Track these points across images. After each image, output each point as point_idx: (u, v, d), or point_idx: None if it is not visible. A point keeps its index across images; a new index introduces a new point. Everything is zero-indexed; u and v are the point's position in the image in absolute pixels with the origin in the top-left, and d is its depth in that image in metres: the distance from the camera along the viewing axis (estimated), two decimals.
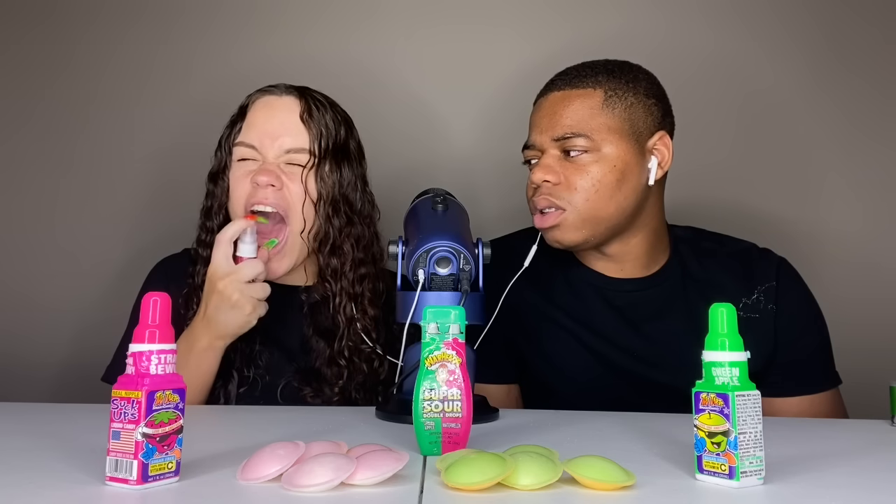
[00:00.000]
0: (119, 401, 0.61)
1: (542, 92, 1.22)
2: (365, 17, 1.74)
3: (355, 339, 1.17)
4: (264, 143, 1.15)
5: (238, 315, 1.06)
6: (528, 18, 1.74)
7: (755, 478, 0.64)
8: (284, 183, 1.14)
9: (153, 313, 0.64)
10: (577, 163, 1.13)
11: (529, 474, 0.62)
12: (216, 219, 1.19)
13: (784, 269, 1.23)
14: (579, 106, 1.15)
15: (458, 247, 0.95)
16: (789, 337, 1.19)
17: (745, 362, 0.66)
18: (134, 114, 1.71)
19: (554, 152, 1.15)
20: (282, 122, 1.16)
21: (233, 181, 1.17)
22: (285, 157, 1.15)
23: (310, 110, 1.17)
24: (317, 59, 1.70)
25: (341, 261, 1.18)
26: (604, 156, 1.13)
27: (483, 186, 1.69)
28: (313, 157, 1.15)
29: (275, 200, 1.13)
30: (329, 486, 0.60)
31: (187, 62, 1.72)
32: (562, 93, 1.17)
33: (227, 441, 0.79)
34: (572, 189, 1.13)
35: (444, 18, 1.74)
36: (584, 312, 1.21)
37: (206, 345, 1.08)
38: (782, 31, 1.71)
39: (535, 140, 1.18)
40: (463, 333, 0.75)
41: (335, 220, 1.17)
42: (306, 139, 1.16)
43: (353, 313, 1.17)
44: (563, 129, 1.14)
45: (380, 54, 1.72)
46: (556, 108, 1.16)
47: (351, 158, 1.20)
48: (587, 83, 1.16)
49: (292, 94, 1.19)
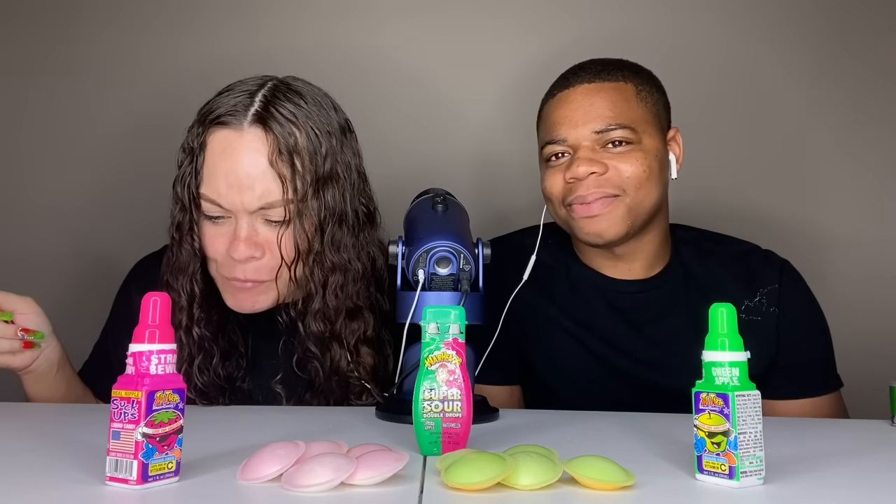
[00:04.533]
0: (119, 401, 0.61)
1: (560, 86, 1.18)
2: (359, 6, 1.73)
3: (354, 399, 1.07)
4: (232, 202, 0.99)
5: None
6: (534, 13, 1.73)
7: (755, 478, 0.64)
8: (263, 245, 1.01)
9: (153, 313, 0.64)
10: (620, 154, 1.11)
11: (529, 474, 0.61)
12: (185, 289, 1.05)
13: (787, 272, 1.22)
14: (617, 97, 1.13)
15: (458, 247, 0.95)
16: (791, 340, 1.18)
17: (745, 362, 0.65)
18: (104, 106, 1.71)
19: (590, 145, 1.12)
20: (248, 172, 0.98)
21: (206, 242, 1.03)
22: (258, 213, 1.00)
23: (279, 147, 0.98)
24: (306, 49, 1.69)
25: (327, 322, 1.05)
26: (645, 147, 1.12)
27: (483, 185, 1.69)
28: (289, 209, 0.99)
29: (255, 274, 1.01)
30: (329, 486, 0.60)
31: (172, 54, 1.72)
32: (593, 85, 1.14)
33: (227, 441, 0.79)
34: (623, 177, 1.11)
35: (444, 8, 1.73)
36: (586, 314, 1.21)
37: None
38: (789, 25, 1.70)
39: (566, 134, 1.13)
40: (463, 333, 0.75)
41: (317, 276, 1.03)
42: (278, 190, 0.98)
43: (347, 373, 1.05)
44: (606, 121, 1.11)
45: (375, 45, 1.71)
46: (592, 100, 1.13)
47: (337, 178, 1.04)
48: (616, 76, 1.15)
49: (256, 126, 0.99)
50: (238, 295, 1.05)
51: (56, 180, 1.72)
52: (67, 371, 1.13)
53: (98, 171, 1.71)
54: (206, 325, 1.08)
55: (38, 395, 1.11)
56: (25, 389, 1.11)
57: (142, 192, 1.64)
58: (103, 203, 1.71)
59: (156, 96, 1.71)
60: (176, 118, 1.18)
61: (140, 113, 1.72)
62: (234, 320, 1.11)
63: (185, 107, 1.13)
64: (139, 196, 1.66)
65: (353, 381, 1.06)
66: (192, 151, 1.02)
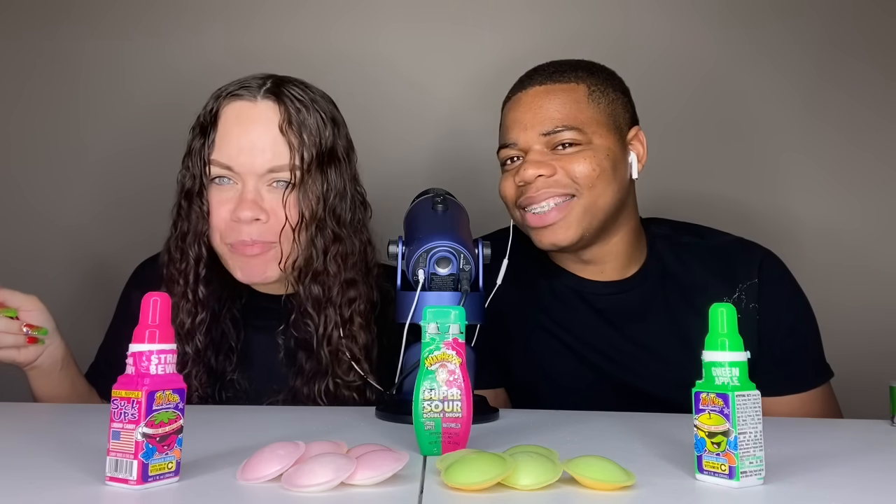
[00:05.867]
0: (119, 401, 0.61)
1: (516, 89, 1.18)
2: (350, 5, 1.73)
3: (342, 375, 1.09)
4: (242, 164, 1.05)
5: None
6: (502, 14, 1.74)
7: (755, 478, 0.64)
8: (267, 210, 1.06)
9: (153, 313, 0.64)
10: (569, 155, 1.11)
11: (529, 474, 0.61)
12: (193, 249, 1.09)
13: (767, 265, 1.19)
14: (566, 99, 1.13)
15: (458, 247, 0.95)
16: (774, 336, 1.16)
17: (745, 362, 0.65)
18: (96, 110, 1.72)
19: (540, 148, 1.12)
20: (260, 137, 1.05)
21: (212, 207, 1.08)
22: (266, 177, 1.06)
23: (289, 117, 1.06)
24: (298, 49, 1.69)
25: (325, 287, 1.08)
26: (595, 147, 1.11)
27: (484, 186, 1.69)
28: (295, 174, 1.05)
29: (259, 236, 1.06)
30: (329, 486, 0.60)
31: (158, 55, 1.72)
32: (544, 87, 1.14)
33: (227, 441, 0.79)
34: (573, 177, 1.10)
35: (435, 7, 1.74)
36: (567, 316, 1.20)
37: None
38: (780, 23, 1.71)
39: (516, 137, 1.14)
40: (463, 333, 0.75)
41: (319, 242, 1.07)
42: (287, 155, 1.05)
43: (338, 345, 1.08)
44: (553, 123, 1.11)
45: (366, 44, 1.72)
46: (541, 102, 1.13)
47: (339, 160, 1.10)
48: (568, 78, 1.15)
49: (268, 98, 1.07)
50: (246, 264, 1.08)
51: (57, 189, 1.72)
52: (72, 369, 1.14)
53: (99, 182, 1.72)
54: (210, 296, 1.11)
55: (44, 392, 1.12)
56: (31, 387, 1.12)
57: (145, 201, 1.64)
58: (104, 212, 1.71)
59: (153, 107, 1.71)
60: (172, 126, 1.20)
61: (138, 122, 1.72)
62: (227, 313, 1.14)
63: (181, 115, 1.15)
64: (141, 205, 1.67)
65: (343, 356, 1.08)
66: (204, 125, 1.08)
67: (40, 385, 1.11)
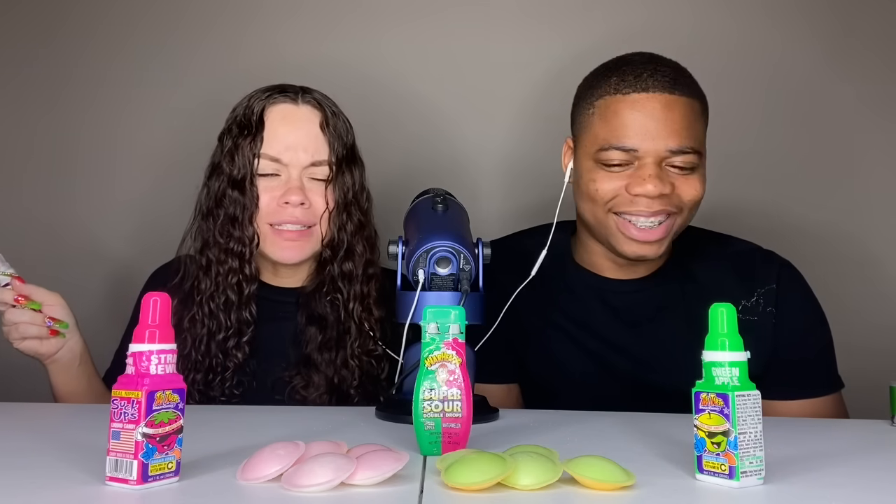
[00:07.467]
0: (119, 401, 0.61)
1: (634, 85, 1.09)
2: (352, 10, 1.72)
3: (364, 344, 1.20)
4: (289, 157, 1.18)
5: None
6: (547, 12, 1.71)
7: (755, 478, 0.64)
8: (309, 197, 1.18)
9: (153, 313, 0.64)
10: (685, 177, 1.09)
11: (529, 474, 0.62)
12: (244, 229, 1.18)
13: (786, 273, 1.20)
14: (688, 114, 1.08)
15: (458, 247, 0.95)
16: (789, 340, 1.17)
17: (745, 362, 0.65)
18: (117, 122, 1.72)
19: (659, 161, 1.08)
20: (306, 135, 1.19)
21: (259, 193, 1.18)
22: (308, 170, 1.18)
23: (327, 119, 1.20)
24: (295, 55, 1.69)
25: (355, 264, 1.22)
26: (702, 170, 1.11)
27: (484, 186, 1.69)
28: (332, 168, 1.19)
29: (303, 217, 1.18)
30: (329, 486, 0.60)
31: (147, 65, 1.72)
32: (672, 97, 1.08)
33: (227, 441, 0.79)
34: (684, 198, 1.09)
35: (436, 11, 1.73)
36: (583, 314, 1.21)
37: None
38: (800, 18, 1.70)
39: (639, 145, 1.07)
40: (463, 333, 0.75)
41: (349, 226, 1.21)
42: (326, 151, 1.19)
43: (361, 316, 1.21)
44: (681, 141, 1.07)
45: (370, 50, 1.71)
46: (667, 113, 1.07)
47: (357, 159, 1.24)
48: (687, 90, 1.10)
49: (309, 103, 1.21)
50: (286, 246, 1.19)
51: (86, 199, 1.73)
52: (89, 366, 1.20)
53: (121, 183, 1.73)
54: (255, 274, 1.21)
55: (62, 386, 1.17)
56: (51, 382, 1.18)
57: (158, 208, 1.67)
58: (122, 218, 1.72)
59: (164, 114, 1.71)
60: None
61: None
62: (244, 303, 1.20)
63: None
64: (155, 211, 1.68)
65: (363, 327, 1.20)
66: (248, 123, 1.19)
67: (59, 380, 1.17)
